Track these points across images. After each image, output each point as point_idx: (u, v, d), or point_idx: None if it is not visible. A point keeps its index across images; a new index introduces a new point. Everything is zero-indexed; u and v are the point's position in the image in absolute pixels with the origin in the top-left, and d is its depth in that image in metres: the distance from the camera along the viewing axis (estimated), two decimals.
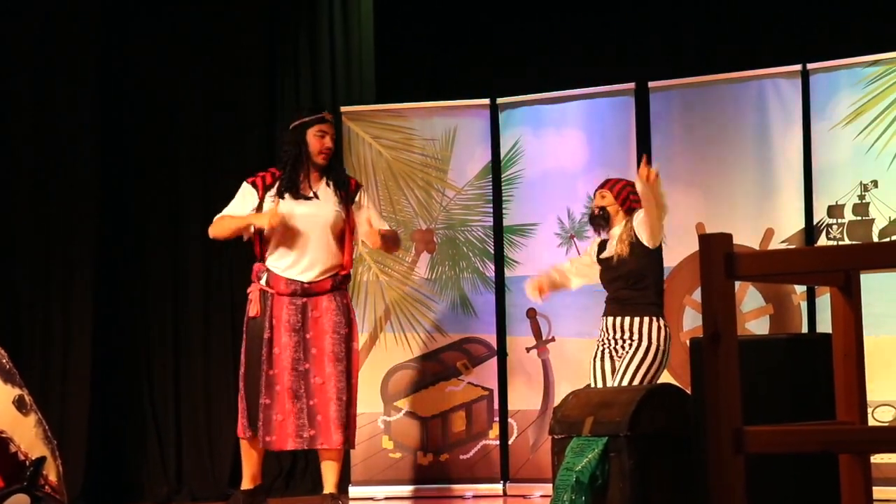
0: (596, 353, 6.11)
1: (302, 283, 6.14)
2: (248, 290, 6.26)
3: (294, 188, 6.17)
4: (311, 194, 6.19)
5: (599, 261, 6.18)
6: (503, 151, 7.32)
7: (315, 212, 6.17)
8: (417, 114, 7.40)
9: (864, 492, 3.19)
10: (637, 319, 5.99)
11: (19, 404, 4.31)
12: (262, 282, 6.19)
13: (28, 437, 4.29)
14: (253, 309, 6.18)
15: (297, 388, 6.08)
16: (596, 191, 6.23)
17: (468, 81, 7.80)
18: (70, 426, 7.29)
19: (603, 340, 6.10)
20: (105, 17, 7.63)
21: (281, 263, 6.18)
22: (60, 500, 4.34)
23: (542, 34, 7.83)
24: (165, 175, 7.71)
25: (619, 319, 6.03)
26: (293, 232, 6.15)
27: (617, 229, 6.13)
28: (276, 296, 6.14)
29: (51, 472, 4.32)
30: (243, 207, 6.22)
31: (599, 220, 6.15)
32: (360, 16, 7.86)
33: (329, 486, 6.17)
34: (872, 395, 5.67)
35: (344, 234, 6.24)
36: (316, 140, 6.20)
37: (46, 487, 4.29)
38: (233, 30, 7.77)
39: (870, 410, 6.28)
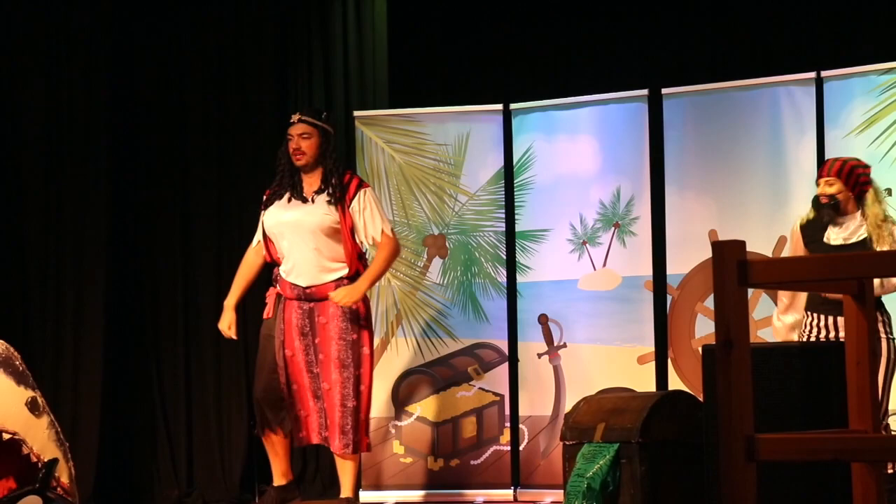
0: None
1: (302, 287, 6.14)
2: (266, 294, 6.28)
3: (280, 195, 6.20)
4: (302, 199, 6.18)
5: (826, 245, 5.69)
6: (516, 157, 7.31)
7: (300, 216, 6.13)
8: (430, 119, 7.40)
9: (876, 501, 3.19)
10: (877, 313, 5.54)
11: (32, 406, 4.32)
12: (277, 286, 6.23)
13: (41, 438, 4.30)
14: (266, 311, 6.23)
15: (316, 389, 6.11)
16: (819, 178, 5.73)
17: (481, 87, 7.80)
18: (82, 428, 7.31)
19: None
20: (115, 19, 7.65)
21: (284, 268, 6.20)
22: (72, 501, 4.35)
23: (556, 40, 7.83)
24: (177, 180, 7.73)
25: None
26: (282, 238, 6.17)
27: (851, 220, 5.66)
28: (286, 300, 6.17)
29: (63, 474, 4.33)
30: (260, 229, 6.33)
31: (828, 209, 5.67)
32: (374, 21, 7.86)
33: (345, 489, 6.18)
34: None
35: (342, 235, 6.16)
36: (288, 144, 6.22)
37: (59, 489, 4.29)
38: (245, 34, 7.78)
39: None
